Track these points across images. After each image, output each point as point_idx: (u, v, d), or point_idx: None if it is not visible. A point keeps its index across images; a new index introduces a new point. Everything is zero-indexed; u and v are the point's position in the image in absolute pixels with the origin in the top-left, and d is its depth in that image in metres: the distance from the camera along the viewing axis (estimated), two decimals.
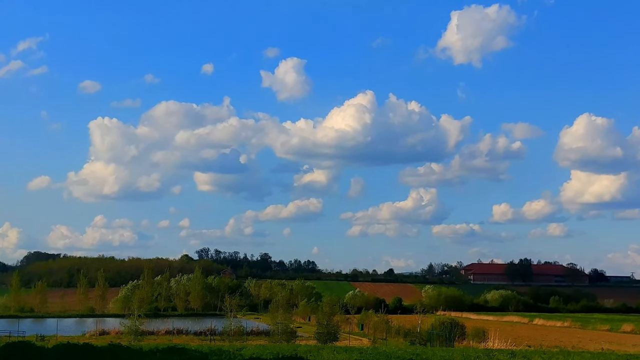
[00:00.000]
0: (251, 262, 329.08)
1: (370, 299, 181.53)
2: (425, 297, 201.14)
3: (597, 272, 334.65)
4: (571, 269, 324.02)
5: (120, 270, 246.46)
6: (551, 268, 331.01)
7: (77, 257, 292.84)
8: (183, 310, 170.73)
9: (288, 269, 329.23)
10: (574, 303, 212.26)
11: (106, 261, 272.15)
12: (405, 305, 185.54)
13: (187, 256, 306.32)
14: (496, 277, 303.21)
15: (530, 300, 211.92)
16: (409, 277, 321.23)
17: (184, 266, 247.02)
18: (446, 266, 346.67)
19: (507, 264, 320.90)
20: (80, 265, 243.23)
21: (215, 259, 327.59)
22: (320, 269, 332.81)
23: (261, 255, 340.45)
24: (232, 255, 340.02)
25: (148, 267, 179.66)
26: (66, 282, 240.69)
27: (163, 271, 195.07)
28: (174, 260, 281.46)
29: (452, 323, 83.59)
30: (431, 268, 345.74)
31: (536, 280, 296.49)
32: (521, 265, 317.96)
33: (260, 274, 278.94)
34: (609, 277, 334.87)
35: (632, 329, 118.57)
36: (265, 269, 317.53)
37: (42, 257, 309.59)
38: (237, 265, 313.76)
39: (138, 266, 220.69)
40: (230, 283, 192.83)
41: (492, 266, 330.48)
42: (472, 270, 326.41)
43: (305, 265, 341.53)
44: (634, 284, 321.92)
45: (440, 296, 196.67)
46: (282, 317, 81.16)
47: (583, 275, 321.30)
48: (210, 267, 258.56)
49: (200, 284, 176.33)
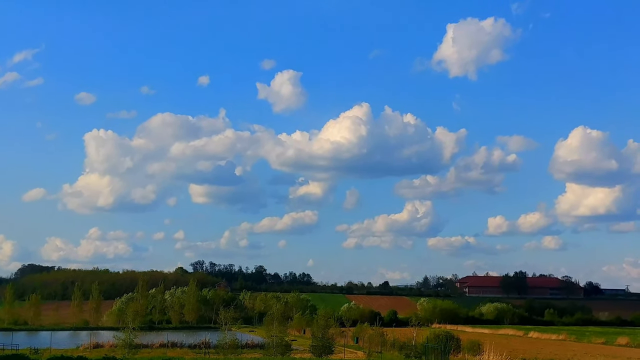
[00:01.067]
0: (246, 274, 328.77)
1: (365, 311, 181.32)
2: (421, 310, 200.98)
3: (592, 285, 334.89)
4: (566, 281, 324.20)
5: (114, 283, 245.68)
6: (546, 281, 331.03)
7: (72, 270, 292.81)
8: (177, 323, 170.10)
9: (283, 282, 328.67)
10: (569, 316, 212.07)
11: (100, 274, 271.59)
12: (401, 318, 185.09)
13: (181, 269, 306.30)
14: (491, 289, 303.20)
15: (525, 313, 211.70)
16: (404, 289, 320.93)
17: (179, 279, 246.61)
18: (441, 279, 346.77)
19: (503, 276, 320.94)
20: (74, 278, 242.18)
21: (210, 271, 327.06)
22: (316, 282, 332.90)
23: (256, 267, 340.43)
24: (227, 267, 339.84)
25: (142, 280, 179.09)
26: (60, 295, 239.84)
27: (157, 284, 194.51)
28: (168, 272, 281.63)
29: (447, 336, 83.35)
30: (426, 281, 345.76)
31: (531, 293, 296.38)
32: (516, 278, 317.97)
33: (255, 286, 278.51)
34: (603, 290, 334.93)
35: (627, 342, 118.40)
36: (260, 281, 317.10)
37: (36, 269, 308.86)
38: (232, 278, 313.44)
39: (132, 279, 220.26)
40: (225, 296, 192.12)
41: (487, 279, 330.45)
42: (467, 283, 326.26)
43: (301, 277, 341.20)
44: (629, 296, 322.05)
45: (435, 309, 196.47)
46: (277, 330, 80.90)
47: (578, 288, 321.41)
48: (205, 279, 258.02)
49: (194, 296, 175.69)
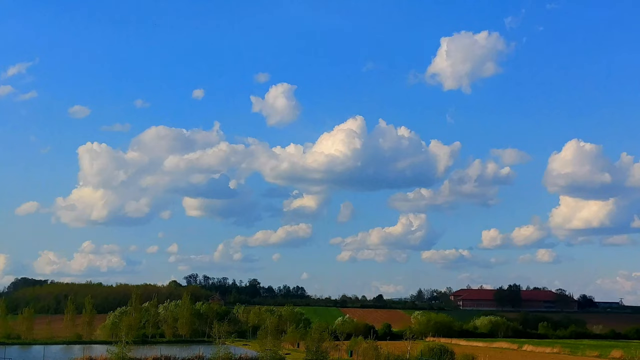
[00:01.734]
0: (240, 288, 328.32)
1: (359, 325, 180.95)
2: (415, 323, 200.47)
3: (585, 297, 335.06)
4: (560, 294, 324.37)
5: (108, 297, 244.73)
6: (540, 294, 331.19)
7: (65, 283, 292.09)
8: (171, 337, 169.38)
9: (277, 295, 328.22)
10: (563, 329, 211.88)
11: (94, 287, 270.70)
12: (395, 331, 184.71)
13: (175, 282, 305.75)
14: (485, 303, 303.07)
15: (519, 326, 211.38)
16: (398, 303, 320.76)
17: (172, 292, 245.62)
18: (435, 292, 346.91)
19: (497, 289, 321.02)
20: (67, 292, 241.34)
21: (203, 284, 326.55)
22: (310, 295, 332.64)
23: (250, 281, 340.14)
24: (221, 281, 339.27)
25: (136, 293, 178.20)
26: (53, 309, 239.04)
27: (151, 297, 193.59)
28: (162, 286, 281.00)
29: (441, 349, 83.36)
30: (420, 294, 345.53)
31: (525, 306, 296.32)
32: (510, 291, 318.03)
33: (249, 299, 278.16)
34: (597, 302, 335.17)
35: (621, 355, 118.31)
36: (254, 294, 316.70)
37: (29, 283, 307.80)
38: (225, 291, 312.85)
39: (126, 292, 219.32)
40: (218, 309, 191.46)
41: (482, 292, 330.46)
42: (461, 296, 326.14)
43: (295, 291, 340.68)
44: (623, 309, 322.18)
45: (429, 322, 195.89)
46: (270, 344, 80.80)
47: (572, 301, 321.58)
48: (198, 293, 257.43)
49: (188, 310, 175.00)
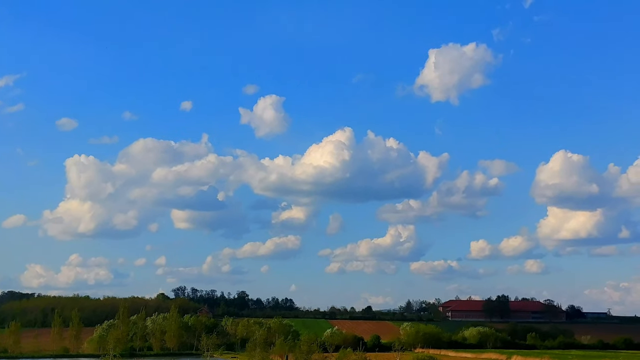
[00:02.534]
0: (228, 300, 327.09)
1: (348, 337, 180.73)
2: (404, 334, 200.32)
3: (573, 308, 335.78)
4: (548, 305, 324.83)
5: (95, 310, 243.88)
6: (528, 304, 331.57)
7: (52, 297, 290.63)
8: (159, 350, 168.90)
9: (265, 307, 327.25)
10: (551, 339, 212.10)
11: (81, 300, 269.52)
12: (384, 343, 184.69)
13: (163, 295, 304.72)
14: (474, 313, 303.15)
15: (508, 337, 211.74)
16: (387, 314, 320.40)
17: (160, 305, 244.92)
18: (424, 303, 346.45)
19: (485, 300, 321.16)
20: (54, 305, 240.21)
21: (192, 297, 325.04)
22: (298, 307, 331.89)
23: (238, 293, 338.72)
24: (209, 293, 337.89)
25: (123, 307, 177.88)
26: (40, 322, 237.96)
27: (139, 310, 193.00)
28: (150, 299, 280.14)
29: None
30: (409, 305, 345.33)
31: (514, 317, 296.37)
32: (499, 302, 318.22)
33: (237, 312, 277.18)
34: (585, 313, 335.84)
35: None
36: (242, 307, 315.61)
37: (16, 296, 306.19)
38: (214, 304, 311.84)
39: (113, 305, 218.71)
40: (207, 322, 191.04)
41: (470, 303, 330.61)
42: (450, 307, 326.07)
43: (283, 303, 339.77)
44: (611, 320, 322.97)
45: (418, 333, 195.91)
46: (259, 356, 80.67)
47: (560, 312, 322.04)
48: (186, 305, 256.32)
49: (176, 323, 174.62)
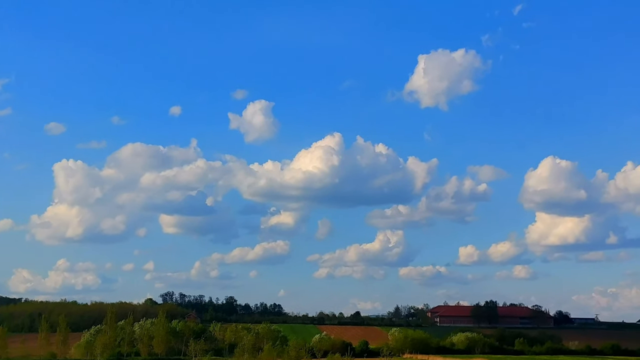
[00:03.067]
0: (216, 305, 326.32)
1: (336, 342, 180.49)
2: (392, 340, 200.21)
3: (561, 314, 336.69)
4: (536, 311, 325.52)
5: (83, 315, 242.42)
6: (516, 310, 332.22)
7: (39, 302, 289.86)
8: (146, 355, 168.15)
9: (254, 312, 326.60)
10: (539, 345, 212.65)
11: (69, 305, 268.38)
12: (372, 348, 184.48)
13: (151, 300, 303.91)
14: (462, 319, 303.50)
15: (496, 343, 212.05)
16: (376, 319, 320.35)
17: (148, 310, 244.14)
18: (413, 308, 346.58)
19: (473, 306, 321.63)
20: (42, 310, 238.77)
21: (180, 302, 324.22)
22: (287, 312, 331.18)
23: (226, 298, 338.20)
24: (197, 298, 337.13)
25: (111, 312, 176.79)
26: (27, 327, 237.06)
27: (126, 315, 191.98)
28: (137, 304, 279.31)
29: None
30: (398, 310, 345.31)
31: (502, 322, 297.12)
32: (487, 308, 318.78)
33: (225, 317, 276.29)
34: (573, 319, 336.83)
35: None
36: (230, 312, 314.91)
37: (3, 301, 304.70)
38: (202, 309, 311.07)
39: (101, 310, 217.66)
40: (194, 327, 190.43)
41: (459, 308, 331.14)
42: (438, 312, 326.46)
43: (272, 308, 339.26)
44: (599, 325, 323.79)
45: (406, 339, 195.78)
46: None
47: (548, 317, 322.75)
48: (174, 311, 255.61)
49: (164, 328, 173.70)
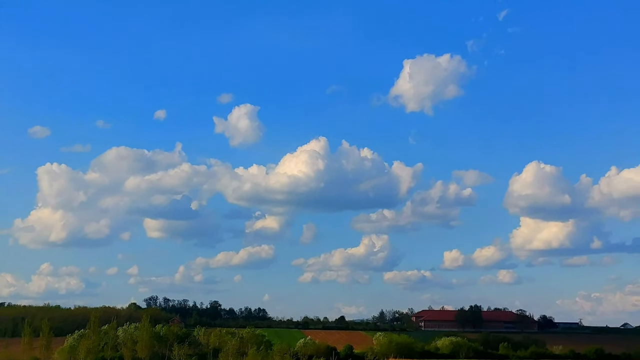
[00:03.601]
0: (201, 310, 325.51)
1: (321, 347, 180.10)
2: (377, 344, 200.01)
3: (546, 318, 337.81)
4: (520, 315, 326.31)
5: (66, 319, 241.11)
6: (501, 314, 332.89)
7: (22, 306, 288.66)
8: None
9: (238, 317, 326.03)
10: (523, 349, 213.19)
11: (52, 310, 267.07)
12: (357, 353, 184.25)
13: (135, 304, 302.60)
14: (447, 323, 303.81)
15: (480, 347, 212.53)
16: (360, 324, 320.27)
17: (132, 314, 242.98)
18: (397, 313, 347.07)
19: (458, 310, 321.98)
20: (25, 314, 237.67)
21: (164, 307, 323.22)
22: (271, 317, 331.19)
23: (211, 303, 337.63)
24: (181, 303, 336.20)
25: (95, 316, 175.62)
26: (10, 332, 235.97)
27: (110, 320, 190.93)
28: (121, 308, 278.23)
29: None
30: (382, 315, 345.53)
31: (486, 327, 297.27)
32: (471, 312, 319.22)
33: (209, 322, 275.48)
34: (557, 323, 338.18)
35: None
36: (215, 316, 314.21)
37: None
38: (186, 314, 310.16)
39: (85, 315, 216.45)
40: (179, 332, 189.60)
41: (443, 313, 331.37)
42: (423, 317, 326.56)
43: (256, 312, 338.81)
44: (582, 330, 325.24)
45: (391, 343, 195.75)
46: None
47: (532, 322, 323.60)
48: (158, 315, 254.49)
49: (147, 332, 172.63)
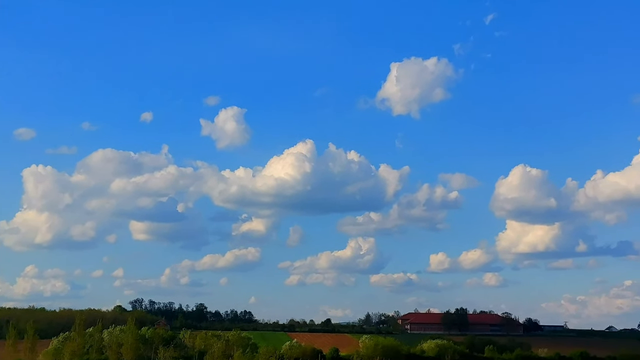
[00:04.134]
0: (186, 312, 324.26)
1: (307, 349, 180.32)
2: (363, 347, 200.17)
3: (531, 321, 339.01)
4: (506, 318, 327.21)
5: (51, 322, 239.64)
6: (487, 317, 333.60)
7: (7, 308, 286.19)
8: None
9: (224, 320, 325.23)
10: (509, 352, 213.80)
11: (37, 312, 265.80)
12: (343, 355, 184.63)
13: (120, 307, 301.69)
14: (433, 326, 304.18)
15: (466, 350, 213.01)
16: (346, 327, 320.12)
17: (117, 317, 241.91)
18: (383, 316, 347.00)
19: (444, 313, 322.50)
20: (9, 317, 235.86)
21: (149, 309, 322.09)
22: (257, 319, 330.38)
23: (197, 305, 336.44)
24: (167, 305, 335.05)
25: (80, 319, 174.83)
26: None
27: (95, 322, 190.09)
28: (107, 311, 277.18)
29: None
30: (368, 318, 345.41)
31: (472, 330, 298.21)
32: (457, 315, 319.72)
33: (195, 324, 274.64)
34: (542, 326, 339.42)
35: None
36: (200, 319, 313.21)
37: None
38: (172, 316, 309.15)
39: (70, 317, 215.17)
40: (164, 334, 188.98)
41: (429, 316, 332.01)
42: (409, 319, 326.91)
43: (242, 315, 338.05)
44: (567, 333, 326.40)
45: (377, 346, 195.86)
46: None
47: (517, 325, 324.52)
48: (144, 318, 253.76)
49: (133, 335, 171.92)
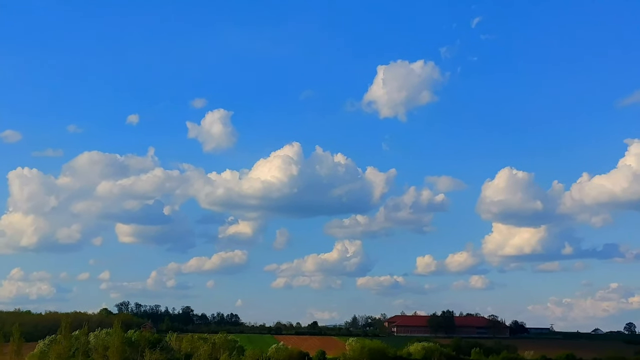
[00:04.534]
0: (173, 315, 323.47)
1: (294, 352, 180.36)
2: (349, 350, 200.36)
3: (517, 323, 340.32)
4: (492, 320, 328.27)
5: (37, 325, 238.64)
6: (473, 320, 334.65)
7: None
8: None
9: (210, 322, 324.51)
10: (495, 355, 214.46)
11: (22, 315, 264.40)
12: (329, 358, 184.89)
13: (106, 310, 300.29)
14: (419, 329, 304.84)
15: (452, 352, 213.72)
16: (333, 329, 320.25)
17: (103, 320, 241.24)
18: (370, 318, 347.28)
19: (430, 316, 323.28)
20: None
21: (135, 312, 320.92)
22: (244, 322, 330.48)
23: (183, 308, 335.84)
24: (153, 308, 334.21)
25: (66, 322, 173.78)
26: None
27: (81, 325, 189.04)
28: (93, 314, 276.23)
29: None
30: (355, 320, 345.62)
31: (458, 332, 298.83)
32: (444, 317, 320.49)
33: (181, 327, 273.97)
34: (529, 328, 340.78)
35: None
36: (187, 322, 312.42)
37: None
38: (158, 319, 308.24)
39: (56, 320, 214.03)
40: (150, 337, 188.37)
41: (416, 318, 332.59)
42: (395, 322, 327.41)
43: (228, 318, 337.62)
44: (554, 335, 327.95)
45: (363, 349, 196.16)
46: None
47: (504, 327, 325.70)
48: (130, 320, 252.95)
49: (119, 338, 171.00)
